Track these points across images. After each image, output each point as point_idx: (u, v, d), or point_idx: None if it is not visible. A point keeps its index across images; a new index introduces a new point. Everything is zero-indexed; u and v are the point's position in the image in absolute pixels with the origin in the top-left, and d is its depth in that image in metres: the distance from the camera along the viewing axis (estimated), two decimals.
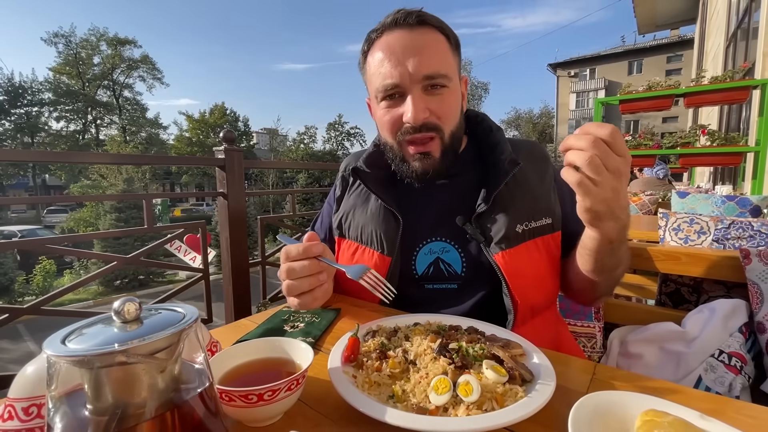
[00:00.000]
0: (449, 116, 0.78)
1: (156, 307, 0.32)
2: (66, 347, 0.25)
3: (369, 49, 0.78)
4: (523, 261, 0.76)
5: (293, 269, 0.64)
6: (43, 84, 27.55)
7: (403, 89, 0.74)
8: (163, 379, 0.27)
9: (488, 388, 0.43)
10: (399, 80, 0.72)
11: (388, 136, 0.80)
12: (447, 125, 0.78)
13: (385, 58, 0.74)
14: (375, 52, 0.76)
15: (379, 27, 0.76)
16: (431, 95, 0.74)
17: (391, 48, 0.73)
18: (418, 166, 0.79)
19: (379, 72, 0.75)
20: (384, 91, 0.75)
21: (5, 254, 10.00)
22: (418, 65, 0.71)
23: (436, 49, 0.75)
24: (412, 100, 0.73)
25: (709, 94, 3.05)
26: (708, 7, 8.62)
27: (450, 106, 0.77)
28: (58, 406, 0.27)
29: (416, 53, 0.72)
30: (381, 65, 0.74)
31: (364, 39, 0.80)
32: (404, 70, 0.72)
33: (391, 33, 0.74)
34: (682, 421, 0.36)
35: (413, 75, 0.72)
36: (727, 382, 0.87)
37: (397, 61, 0.72)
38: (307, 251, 0.64)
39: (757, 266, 0.94)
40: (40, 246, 1.52)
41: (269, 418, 0.42)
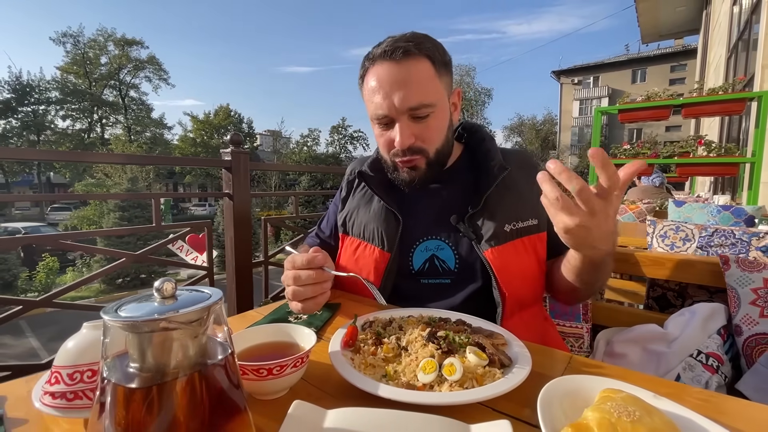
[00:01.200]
0: (433, 139, 0.87)
1: (187, 289, 0.38)
2: (119, 315, 0.31)
3: (364, 75, 0.86)
4: (511, 257, 0.84)
5: (299, 277, 0.71)
6: (51, 83, 27.84)
7: (391, 118, 0.83)
8: (193, 346, 0.33)
9: (470, 369, 0.48)
10: (387, 112, 0.82)
11: (384, 153, 0.91)
12: (432, 146, 0.87)
13: (375, 89, 0.82)
14: (369, 80, 0.84)
15: (371, 55, 0.84)
16: (416, 123, 0.83)
17: (380, 80, 0.82)
18: (406, 176, 0.89)
19: (372, 101, 0.84)
20: (376, 118, 0.85)
21: (9, 251, 10.10)
22: (403, 99, 0.80)
23: (420, 81, 0.81)
24: (399, 129, 0.82)
25: (707, 106, 3.11)
26: (711, 18, 8.70)
27: (434, 130, 0.86)
28: (110, 365, 0.33)
29: (401, 87, 0.80)
30: (373, 95, 0.83)
31: (362, 62, 0.89)
32: (391, 102, 0.80)
33: (381, 65, 0.82)
34: (633, 397, 0.41)
35: (399, 108, 0.80)
36: (704, 381, 0.92)
37: (385, 93, 0.81)
38: (311, 261, 0.71)
39: (735, 272, 1.00)
40: (52, 242, 1.58)
41: (276, 391, 0.48)
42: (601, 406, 0.39)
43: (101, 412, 0.32)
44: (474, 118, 36.02)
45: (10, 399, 0.47)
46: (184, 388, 0.33)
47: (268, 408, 0.47)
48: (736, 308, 0.99)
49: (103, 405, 0.31)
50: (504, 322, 0.82)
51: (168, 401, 0.32)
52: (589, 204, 0.55)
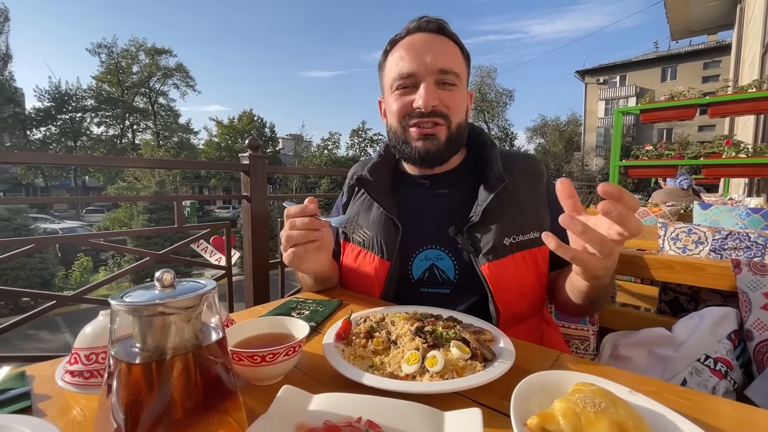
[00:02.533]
0: (457, 110, 0.86)
1: (187, 280, 0.42)
2: (124, 300, 0.36)
3: (391, 49, 0.88)
4: (509, 272, 0.82)
5: (293, 222, 0.73)
6: (86, 91, 29.36)
7: (417, 79, 0.83)
8: (188, 329, 0.37)
9: (451, 362, 0.51)
10: (416, 69, 0.82)
11: (395, 120, 0.89)
12: (454, 117, 0.86)
13: (405, 53, 0.84)
14: (397, 51, 0.86)
15: (403, 31, 0.87)
16: (442, 89, 0.83)
17: (412, 44, 0.84)
18: (421, 145, 0.86)
19: (398, 63, 0.84)
20: (400, 78, 0.84)
21: (48, 250, 10.69)
22: (435, 59, 0.81)
23: (452, 53, 0.85)
24: (425, 88, 0.82)
25: (736, 104, 2.99)
26: (745, 13, 8.31)
27: (458, 101, 0.86)
28: (117, 346, 0.37)
29: (434, 50, 0.82)
30: (401, 58, 0.84)
31: (388, 41, 0.90)
32: (422, 61, 0.81)
33: (414, 35, 0.85)
34: (603, 390, 0.43)
35: (429, 66, 0.81)
36: (711, 386, 0.90)
37: (416, 53, 0.82)
38: (304, 209, 0.73)
39: (746, 275, 0.97)
40: (83, 241, 1.69)
41: (271, 378, 0.52)
42: (570, 397, 0.41)
43: (108, 393, 0.36)
44: (495, 119, 35.57)
45: (37, 378, 0.53)
46: (179, 366, 0.37)
47: (264, 393, 0.51)
48: (747, 312, 0.96)
49: (110, 386, 0.36)
50: None
51: (165, 377, 0.36)
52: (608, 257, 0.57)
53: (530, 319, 0.90)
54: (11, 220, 10.52)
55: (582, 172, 30.68)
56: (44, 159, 1.72)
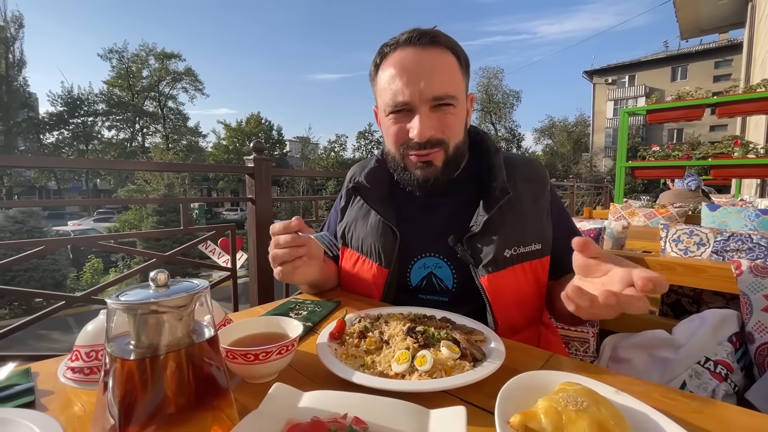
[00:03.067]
0: (453, 131, 0.82)
1: (182, 280, 0.44)
2: (119, 299, 0.37)
3: (381, 62, 0.83)
4: (509, 285, 0.80)
5: (278, 240, 0.75)
6: (98, 96, 29.92)
7: (412, 107, 0.79)
8: (180, 327, 0.39)
9: (441, 361, 0.52)
10: (409, 99, 0.77)
11: (393, 147, 0.86)
12: (452, 140, 0.83)
13: (397, 74, 0.78)
14: (387, 67, 0.80)
15: (393, 42, 0.81)
16: (437, 113, 0.79)
17: (403, 65, 0.78)
18: (420, 174, 0.84)
19: (391, 88, 0.79)
20: (394, 106, 0.80)
21: (59, 252, 10.89)
22: (429, 86, 0.76)
23: (446, 71, 0.79)
24: (419, 119, 0.78)
25: (744, 104, 2.95)
26: (757, 11, 8.19)
27: (455, 123, 0.82)
28: (113, 342, 0.39)
29: (427, 73, 0.77)
30: (392, 81, 0.79)
31: (377, 51, 0.84)
32: (415, 89, 0.76)
33: (405, 50, 0.79)
34: (587, 390, 0.43)
35: (423, 94, 0.77)
36: (710, 389, 0.90)
37: (408, 79, 0.77)
38: (287, 227, 0.75)
39: (747, 277, 0.97)
40: (91, 243, 1.73)
41: (264, 376, 0.53)
42: (553, 396, 0.42)
43: (105, 389, 0.38)
44: (502, 120, 35.41)
45: (42, 375, 0.55)
46: (172, 363, 0.38)
47: (258, 390, 0.52)
48: (748, 315, 0.95)
49: (106, 383, 0.37)
50: None
51: (158, 373, 0.38)
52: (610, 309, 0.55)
53: (528, 329, 0.88)
54: (25, 222, 10.74)
55: (590, 173, 30.38)
56: (44, 163, 1.78)
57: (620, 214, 3.13)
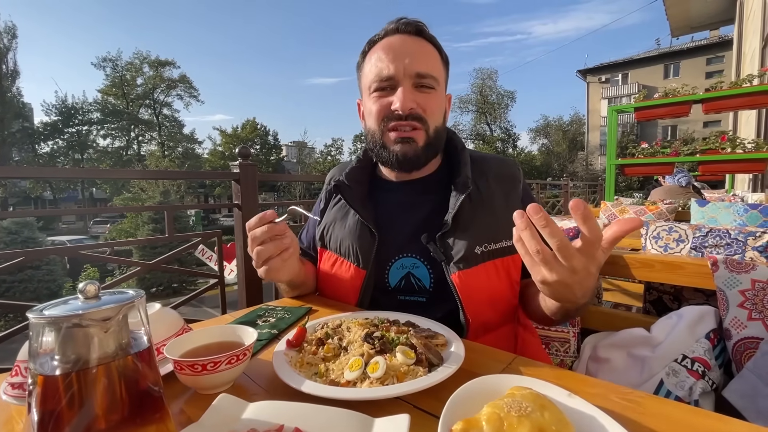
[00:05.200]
0: (434, 113, 0.85)
1: (118, 291, 0.43)
2: (42, 313, 0.36)
3: (369, 50, 0.87)
4: (480, 282, 0.80)
5: (256, 236, 0.73)
6: (92, 105, 29.94)
7: (395, 82, 0.82)
8: (109, 339, 0.38)
9: (393, 367, 0.51)
10: (394, 72, 0.81)
11: (374, 122, 0.87)
12: (431, 120, 0.85)
13: (383, 54, 0.83)
14: (375, 52, 0.85)
15: (381, 32, 0.86)
16: (420, 92, 0.83)
17: (390, 46, 0.83)
18: (399, 149, 0.84)
19: (377, 65, 0.83)
20: (378, 81, 0.83)
21: (55, 262, 10.82)
22: (412, 63, 0.81)
23: (430, 56, 0.85)
24: (402, 91, 0.81)
25: (729, 100, 2.97)
26: (745, 8, 8.25)
27: (435, 104, 0.85)
28: (37, 359, 0.37)
29: (412, 53, 0.82)
30: (379, 60, 0.83)
31: (366, 42, 0.89)
32: (399, 65, 0.81)
33: (392, 36, 0.85)
34: (535, 394, 0.42)
35: (407, 69, 0.81)
36: (687, 386, 0.89)
37: (394, 56, 0.82)
38: (262, 218, 0.73)
39: (723, 273, 0.96)
40: (74, 253, 1.71)
41: (216, 386, 0.52)
42: (498, 402, 0.41)
43: (29, 410, 0.36)
44: (498, 121, 35.52)
45: None
46: (99, 378, 0.37)
47: (210, 402, 0.51)
48: (725, 311, 0.95)
49: (30, 405, 0.36)
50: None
51: (85, 389, 0.36)
52: (570, 261, 0.52)
53: (502, 327, 0.88)
54: (19, 233, 10.68)
55: (586, 172, 30.49)
56: (36, 173, 1.77)
57: (611, 211, 3.14)
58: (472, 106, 35.25)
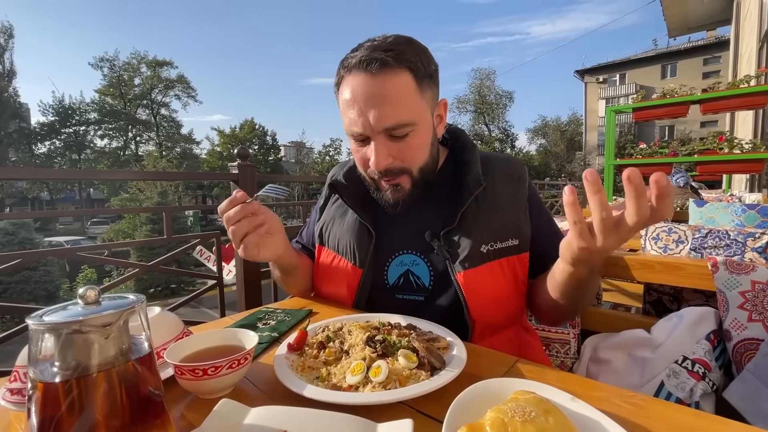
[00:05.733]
0: (414, 158, 0.81)
1: (118, 296, 0.42)
2: (42, 319, 0.36)
3: (340, 83, 0.80)
4: (485, 281, 0.79)
5: (229, 216, 0.72)
6: (90, 105, 29.83)
7: (366, 136, 0.78)
8: (109, 345, 0.37)
9: (396, 371, 0.50)
10: (362, 130, 0.76)
11: (361, 170, 0.86)
12: (413, 165, 0.81)
13: (349, 103, 0.76)
14: (343, 90, 0.78)
15: (347, 63, 0.77)
16: (395, 142, 0.77)
17: (354, 94, 0.75)
18: (390, 196, 0.83)
19: (347, 116, 0.78)
20: (351, 135, 0.80)
21: (52, 263, 10.77)
22: (378, 118, 0.74)
23: (398, 98, 0.74)
24: (375, 149, 0.77)
25: (726, 100, 2.97)
26: (742, 8, 8.29)
27: (414, 149, 0.80)
28: (37, 365, 0.37)
29: (376, 104, 0.73)
30: (347, 109, 0.77)
31: (338, 67, 0.81)
32: (366, 120, 0.74)
33: (357, 76, 0.75)
34: (538, 399, 0.42)
35: (374, 126, 0.75)
36: (688, 388, 0.89)
37: (359, 110, 0.75)
38: (233, 200, 0.72)
39: (723, 274, 0.96)
40: (70, 254, 1.70)
41: (216, 391, 0.52)
42: (502, 407, 0.41)
43: (29, 416, 0.36)
44: (496, 121, 35.58)
45: None
46: (100, 383, 0.37)
47: (210, 407, 0.51)
48: (725, 312, 0.95)
49: (29, 410, 0.36)
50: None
51: (85, 395, 0.36)
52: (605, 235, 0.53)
53: (507, 329, 0.87)
54: (16, 234, 10.63)
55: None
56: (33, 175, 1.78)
57: None
58: (470, 106, 35.30)
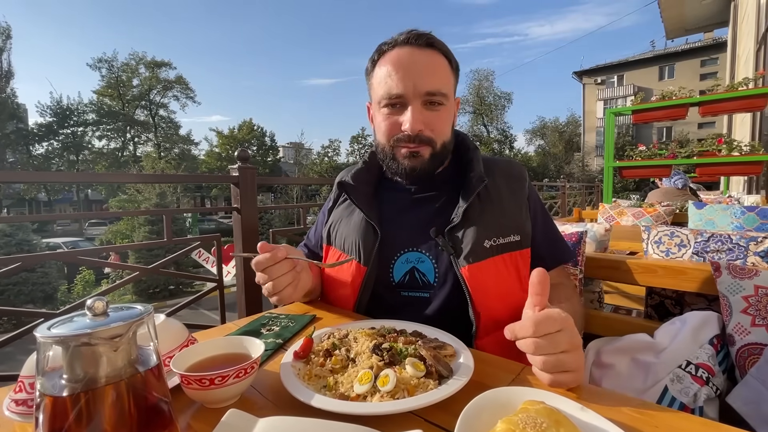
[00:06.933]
0: (442, 131, 0.88)
1: (125, 306, 0.42)
2: (50, 331, 0.35)
3: (379, 59, 0.87)
4: (489, 275, 0.81)
5: (271, 271, 0.74)
6: (88, 106, 29.73)
7: (405, 100, 0.83)
8: (118, 357, 0.37)
9: (404, 380, 0.50)
10: (404, 91, 0.82)
11: (384, 138, 0.90)
12: (439, 138, 0.88)
13: (393, 70, 0.83)
14: (385, 64, 0.85)
15: (391, 41, 0.86)
16: (429, 110, 0.84)
17: (400, 61, 0.83)
18: (407, 163, 0.88)
19: (386, 82, 0.84)
20: (388, 98, 0.85)
21: (50, 265, 10.72)
22: (423, 81, 0.82)
23: (440, 70, 0.85)
24: (411, 112, 0.83)
25: (725, 103, 2.99)
26: (739, 10, 8.33)
27: (443, 122, 0.88)
28: (45, 376, 0.37)
29: (422, 70, 0.82)
30: (389, 76, 0.83)
31: (375, 49, 0.89)
32: (409, 83, 0.82)
33: (402, 49, 0.84)
34: (549, 409, 0.42)
35: (416, 89, 0.82)
36: (692, 393, 0.89)
37: (404, 74, 0.82)
38: (275, 257, 0.73)
39: (726, 279, 0.96)
40: (72, 258, 1.69)
41: (223, 400, 0.52)
42: (512, 417, 0.40)
43: (37, 426, 0.36)
44: (494, 122, 35.62)
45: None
46: (108, 395, 0.36)
47: (217, 416, 0.50)
48: (728, 317, 0.95)
49: (37, 419, 0.36)
50: (477, 342, 0.80)
51: (94, 406, 0.36)
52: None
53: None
54: (13, 236, 10.57)
55: (583, 173, 30.62)
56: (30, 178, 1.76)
57: (609, 213, 3.15)
58: (469, 107, 35.31)
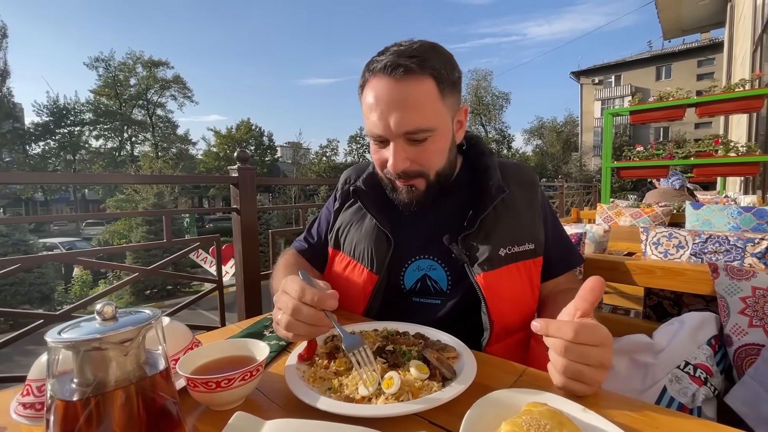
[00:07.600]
0: (432, 162, 0.82)
1: (133, 310, 0.42)
2: (60, 336, 0.36)
3: (365, 85, 0.81)
4: (504, 283, 0.81)
5: (300, 311, 0.60)
6: (85, 105, 29.60)
7: (387, 138, 0.79)
8: (127, 361, 0.37)
9: (408, 383, 0.51)
10: (383, 132, 0.78)
11: (378, 170, 0.88)
12: (431, 169, 0.83)
13: (373, 105, 0.78)
14: (367, 93, 0.79)
15: (375, 63, 0.78)
16: (413, 146, 0.79)
17: (377, 98, 0.77)
18: (405, 196, 0.85)
19: (368, 118, 0.80)
20: (371, 136, 0.82)
21: (46, 265, 10.68)
22: (399, 122, 0.75)
23: (420, 104, 0.76)
24: (393, 151, 0.78)
25: (722, 104, 3.01)
26: (735, 11, 8.38)
27: (432, 154, 0.81)
28: (56, 382, 0.37)
29: (398, 109, 0.75)
30: (369, 112, 0.79)
31: (365, 67, 0.82)
32: (386, 123, 0.76)
33: (381, 80, 0.76)
34: (552, 411, 0.43)
35: (394, 130, 0.76)
36: (690, 393, 0.90)
37: (381, 113, 0.76)
38: (321, 302, 0.60)
39: (723, 280, 0.97)
40: (71, 259, 1.69)
41: (229, 402, 0.52)
42: (516, 419, 0.41)
43: (48, 427, 0.36)
44: (492, 122, 35.70)
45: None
46: (118, 399, 0.37)
47: (223, 418, 0.50)
48: (726, 317, 0.96)
49: (48, 421, 0.36)
50: (488, 348, 0.80)
51: (104, 410, 0.36)
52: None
53: (521, 332, 0.89)
54: (10, 236, 10.53)
55: (580, 172, 30.73)
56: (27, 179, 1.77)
57: (607, 214, 3.16)
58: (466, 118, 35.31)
